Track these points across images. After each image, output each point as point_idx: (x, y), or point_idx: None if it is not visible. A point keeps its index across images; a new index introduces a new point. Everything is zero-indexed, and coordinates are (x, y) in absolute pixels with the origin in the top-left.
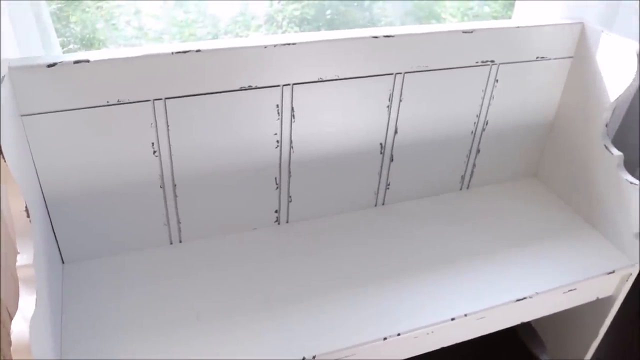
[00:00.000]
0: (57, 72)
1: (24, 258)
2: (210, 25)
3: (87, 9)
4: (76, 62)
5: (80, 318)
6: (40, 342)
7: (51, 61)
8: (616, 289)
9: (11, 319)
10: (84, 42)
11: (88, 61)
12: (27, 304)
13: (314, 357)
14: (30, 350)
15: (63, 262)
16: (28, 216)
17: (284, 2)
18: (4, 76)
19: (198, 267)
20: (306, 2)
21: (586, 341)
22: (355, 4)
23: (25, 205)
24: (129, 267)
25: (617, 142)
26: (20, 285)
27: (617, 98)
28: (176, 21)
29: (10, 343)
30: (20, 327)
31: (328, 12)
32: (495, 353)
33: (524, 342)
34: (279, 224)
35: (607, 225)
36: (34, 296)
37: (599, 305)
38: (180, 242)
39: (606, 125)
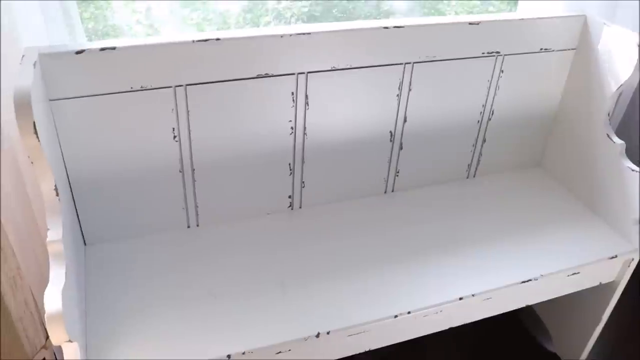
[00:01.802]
0: (84, 59)
1: (54, 234)
2: (219, 23)
3: (99, 6)
4: (102, 49)
5: (102, 296)
6: (70, 313)
7: (79, 48)
8: (618, 274)
9: (35, 302)
10: (96, 38)
11: (114, 48)
12: (58, 277)
13: (328, 332)
14: (63, 319)
15: (85, 244)
16: (57, 194)
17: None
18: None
19: (214, 250)
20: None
21: (589, 327)
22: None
23: (54, 184)
24: (148, 249)
25: (621, 131)
26: (50, 260)
27: (619, 88)
28: (186, 18)
29: (37, 320)
30: (53, 297)
31: (335, 10)
32: (500, 340)
33: (528, 329)
34: (292, 209)
35: (609, 212)
36: (64, 270)
37: (602, 291)
38: (197, 225)
39: (608, 115)
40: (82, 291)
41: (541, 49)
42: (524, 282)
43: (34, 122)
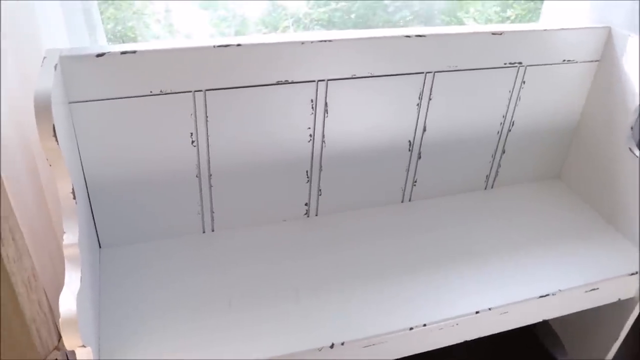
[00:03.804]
0: (104, 62)
1: (70, 237)
2: (238, 25)
3: (120, 6)
4: (123, 52)
5: (116, 301)
6: (84, 317)
7: (100, 51)
8: (638, 290)
9: (49, 303)
10: (116, 39)
11: (135, 52)
12: (73, 280)
13: (342, 343)
14: (77, 324)
15: (100, 247)
16: (74, 198)
17: (312, 3)
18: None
19: (229, 256)
20: (333, 5)
21: (606, 343)
22: (380, 9)
23: (72, 187)
24: (162, 254)
25: None
26: (66, 263)
27: None
28: (205, 20)
29: (51, 322)
30: (67, 301)
31: (353, 15)
32: (515, 354)
33: (543, 344)
34: (308, 216)
35: (630, 227)
36: (79, 274)
37: (621, 307)
38: (213, 231)
39: (631, 128)
40: (96, 294)
41: (564, 60)
42: (541, 296)
43: (54, 125)
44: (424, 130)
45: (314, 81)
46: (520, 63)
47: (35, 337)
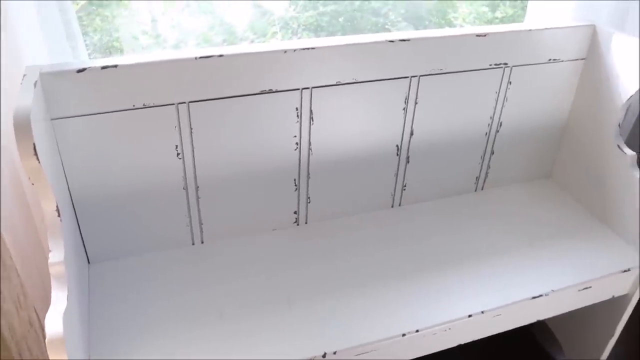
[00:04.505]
0: (86, 77)
1: (56, 256)
2: (226, 33)
3: (105, 18)
4: (104, 67)
5: (106, 316)
6: (72, 336)
7: (80, 67)
8: (632, 287)
9: (39, 320)
10: (102, 51)
11: (116, 66)
12: (59, 299)
13: (334, 352)
14: (65, 344)
15: (89, 262)
16: (59, 215)
17: (300, 7)
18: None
19: (219, 267)
20: (321, 9)
21: (602, 341)
22: (370, 12)
23: (56, 205)
24: (152, 268)
25: (631, 142)
26: (52, 282)
27: (630, 98)
28: (192, 29)
29: (42, 338)
30: (54, 321)
31: (341, 18)
32: (511, 353)
33: (540, 342)
34: (297, 224)
35: (621, 225)
36: (66, 292)
37: (615, 304)
38: (202, 242)
39: (619, 125)
40: (85, 311)
41: (550, 59)
42: (534, 297)
43: (34, 144)
44: (411, 134)
45: (298, 89)
46: (505, 64)
47: (26, 356)
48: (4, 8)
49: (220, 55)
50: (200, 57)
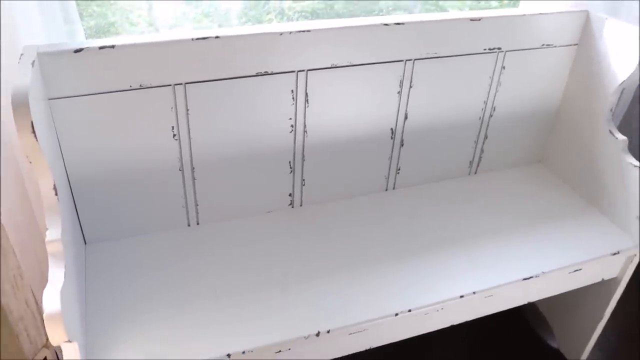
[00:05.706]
0: (83, 58)
1: (53, 233)
2: (222, 20)
3: (102, 4)
4: (101, 47)
5: (103, 295)
6: (70, 312)
7: (78, 47)
8: (621, 270)
9: (36, 301)
10: (98, 36)
11: (113, 47)
12: (56, 277)
13: (328, 331)
14: (62, 319)
15: (85, 243)
16: (56, 194)
17: None
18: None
19: (215, 248)
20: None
21: (592, 323)
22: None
23: (53, 183)
24: (148, 248)
25: (623, 127)
26: (49, 260)
27: (621, 83)
28: (188, 15)
29: (38, 319)
30: (51, 297)
31: (336, 6)
32: (503, 336)
33: (531, 325)
34: (292, 207)
35: (611, 208)
36: (63, 269)
37: (604, 287)
38: (198, 224)
39: (611, 110)
40: (82, 290)
41: (543, 44)
42: (525, 279)
43: (32, 122)
44: (406, 117)
45: (293, 71)
46: (499, 48)
47: (23, 336)
48: None
49: (217, 37)
50: (197, 39)
